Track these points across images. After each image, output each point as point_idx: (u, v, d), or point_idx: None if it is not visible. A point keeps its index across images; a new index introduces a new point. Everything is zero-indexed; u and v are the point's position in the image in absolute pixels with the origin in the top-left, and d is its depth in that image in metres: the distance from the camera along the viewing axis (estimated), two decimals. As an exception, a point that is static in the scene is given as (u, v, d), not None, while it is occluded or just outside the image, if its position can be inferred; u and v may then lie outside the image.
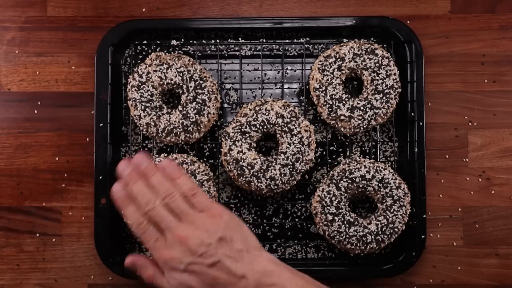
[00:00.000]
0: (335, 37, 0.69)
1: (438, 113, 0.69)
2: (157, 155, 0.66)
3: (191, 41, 0.70)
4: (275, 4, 0.71)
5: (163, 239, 0.49)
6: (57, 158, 0.69)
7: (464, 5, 0.70)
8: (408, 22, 0.69)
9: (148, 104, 0.64)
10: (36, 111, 0.70)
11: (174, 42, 0.69)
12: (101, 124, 0.66)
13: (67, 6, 0.71)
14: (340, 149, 0.69)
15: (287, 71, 0.69)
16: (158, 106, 0.64)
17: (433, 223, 0.68)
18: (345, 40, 0.68)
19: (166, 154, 0.65)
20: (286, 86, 0.69)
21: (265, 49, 0.69)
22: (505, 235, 0.69)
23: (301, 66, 0.69)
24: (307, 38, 0.69)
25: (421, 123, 0.66)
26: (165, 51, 0.69)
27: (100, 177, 0.66)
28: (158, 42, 0.69)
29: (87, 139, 0.69)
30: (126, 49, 0.70)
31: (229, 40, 0.70)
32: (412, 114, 0.66)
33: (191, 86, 0.63)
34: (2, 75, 0.70)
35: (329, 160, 0.68)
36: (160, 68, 0.64)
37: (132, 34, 0.68)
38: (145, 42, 0.70)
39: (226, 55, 0.70)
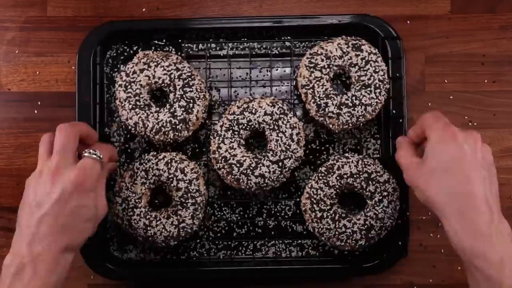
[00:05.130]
0: (319, 36, 0.68)
1: (438, 113, 0.69)
2: (145, 154, 0.65)
3: (170, 41, 0.69)
4: (275, 4, 0.71)
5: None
6: (57, 158, 0.69)
7: (464, 5, 0.70)
8: (408, 22, 0.69)
9: (136, 103, 0.63)
10: (36, 111, 0.70)
11: (157, 42, 0.69)
12: None
13: (67, 6, 0.71)
14: (323, 148, 0.69)
15: (272, 70, 0.68)
16: (146, 104, 0.64)
17: (433, 223, 0.68)
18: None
19: (155, 152, 0.65)
20: (272, 84, 0.69)
21: (246, 48, 0.69)
22: (505, 235, 0.69)
23: (285, 64, 0.69)
24: (288, 37, 0.69)
25: (400, 120, 0.65)
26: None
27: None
28: (141, 43, 0.69)
29: (87, 139, 0.69)
30: (108, 50, 0.69)
31: (210, 40, 0.69)
32: (394, 111, 0.66)
33: (179, 85, 0.63)
34: (2, 75, 0.70)
35: (311, 159, 0.68)
36: (148, 67, 0.63)
37: (114, 35, 0.68)
38: (126, 42, 0.69)
39: (208, 55, 0.69)
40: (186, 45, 0.69)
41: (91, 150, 0.54)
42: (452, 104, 0.69)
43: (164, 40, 0.69)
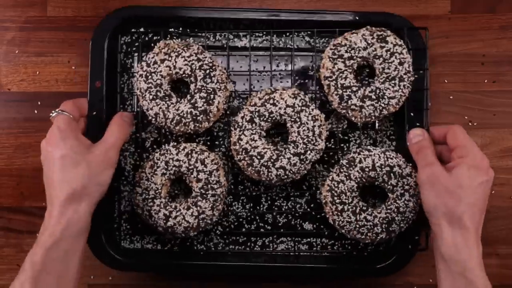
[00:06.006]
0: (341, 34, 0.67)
1: (438, 113, 0.69)
2: (165, 145, 0.65)
3: (188, 31, 0.69)
4: (275, 4, 0.71)
5: None
6: (57, 158, 0.69)
7: (464, 5, 0.70)
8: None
9: (157, 94, 0.62)
10: (36, 111, 0.70)
11: (172, 30, 0.69)
12: (94, 113, 0.64)
13: (67, 6, 0.71)
14: (338, 147, 0.68)
15: (293, 63, 0.68)
16: (167, 95, 0.63)
17: (433, 223, 0.68)
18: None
19: (175, 143, 0.64)
20: (294, 76, 0.68)
21: (265, 41, 0.69)
22: (505, 235, 0.69)
23: (307, 59, 0.68)
24: (308, 32, 0.68)
25: (418, 124, 0.64)
26: (168, 39, 0.68)
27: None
28: (156, 30, 0.68)
29: (87, 139, 0.69)
30: (123, 36, 0.68)
31: (229, 30, 0.68)
32: (412, 114, 0.65)
33: (200, 75, 0.62)
34: (2, 75, 0.70)
35: (325, 157, 0.68)
36: (169, 57, 0.63)
37: (129, 21, 0.67)
38: (141, 30, 0.69)
39: (225, 46, 0.69)
40: (204, 34, 0.68)
41: (53, 110, 0.59)
42: (452, 104, 0.69)
43: (180, 29, 0.68)
